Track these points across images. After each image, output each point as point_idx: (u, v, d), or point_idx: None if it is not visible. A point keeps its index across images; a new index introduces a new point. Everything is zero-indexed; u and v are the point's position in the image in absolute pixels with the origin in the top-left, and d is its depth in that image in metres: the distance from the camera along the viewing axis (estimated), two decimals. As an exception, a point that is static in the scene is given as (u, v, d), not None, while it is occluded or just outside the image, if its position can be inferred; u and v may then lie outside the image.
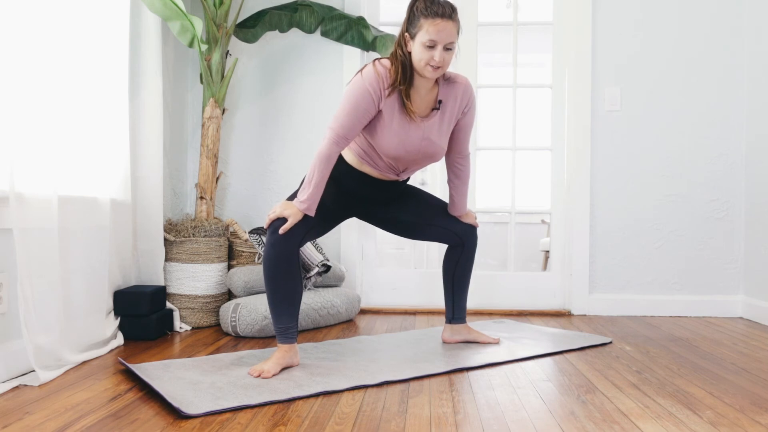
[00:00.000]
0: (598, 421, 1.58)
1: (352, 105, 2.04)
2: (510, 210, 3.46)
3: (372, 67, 2.06)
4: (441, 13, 2.00)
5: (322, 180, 2.05)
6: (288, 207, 2.03)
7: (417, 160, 2.21)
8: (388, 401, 1.74)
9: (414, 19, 2.04)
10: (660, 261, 3.27)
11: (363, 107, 2.05)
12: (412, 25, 2.05)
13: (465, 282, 2.47)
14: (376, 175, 2.24)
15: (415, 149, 2.16)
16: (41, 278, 1.96)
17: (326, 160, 2.04)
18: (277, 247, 2.01)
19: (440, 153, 2.23)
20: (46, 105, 2.04)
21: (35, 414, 1.61)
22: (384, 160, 2.19)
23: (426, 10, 2.01)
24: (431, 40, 2.00)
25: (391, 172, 2.25)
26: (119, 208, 2.56)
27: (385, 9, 3.47)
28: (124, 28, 2.53)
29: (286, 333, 2.04)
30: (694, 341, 2.59)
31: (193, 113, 3.31)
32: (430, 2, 2.02)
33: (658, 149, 3.27)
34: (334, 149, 2.05)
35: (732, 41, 3.25)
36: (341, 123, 2.04)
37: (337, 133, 2.04)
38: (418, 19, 2.02)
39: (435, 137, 2.18)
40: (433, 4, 2.01)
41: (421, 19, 2.01)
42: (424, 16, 2.00)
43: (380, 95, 2.06)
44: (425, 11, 2.01)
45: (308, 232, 2.08)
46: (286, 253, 2.02)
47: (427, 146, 2.18)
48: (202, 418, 1.58)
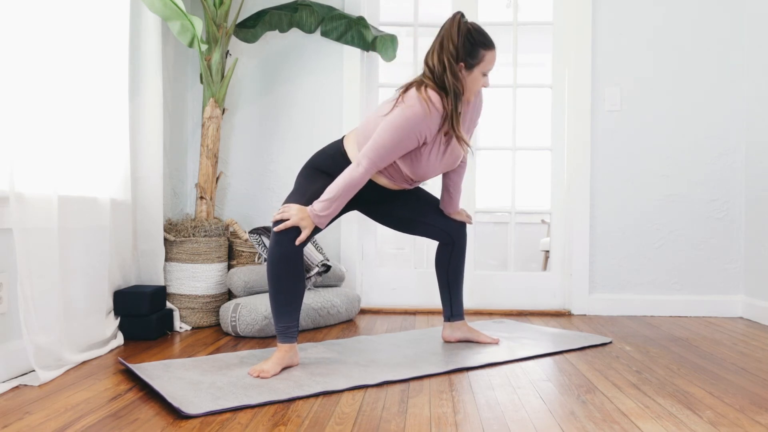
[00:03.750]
0: (598, 421, 1.58)
1: (396, 140, 2.03)
2: (510, 210, 3.46)
3: (421, 101, 2.02)
4: (493, 43, 2.12)
5: (344, 203, 2.06)
6: (304, 217, 2.00)
7: (439, 173, 2.25)
8: (388, 401, 1.74)
9: (474, 51, 2.08)
10: (660, 261, 3.27)
11: (407, 144, 2.06)
12: (472, 56, 2.08)
13: (459, 279, 2.48)
14: (389, 185, 2.26)
15: (445, 167, 2.22)
16: (41, 278, 1.96)
17: (356, 187, 2.05)
18: (282, 247, 2.01)
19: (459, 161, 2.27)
20: (46, 105, 2.04)
21: (35, 414, 1.61)
22: (404, 175, 2.20)
23: (486, 42, 2.10)
24: (489, 69, 2.13)
25: (405, 183, 2.27)
26: (119, 208, 2.56)
27: (385, 9, 3.47)
28: (124, 28, 2.53)
29: (287, 332, 2.04)
30: (694, 341, 2.59)
31: (193, 113, 3.31)
32: (483, 35, 2.11)
33: (658, 149, 3.27)
34: (367, 178, 2.06)
35: (732, 41, 3.25)
36: (381, 156, 2.04)
37: (375, 164, 2.04)
38: (477, 50, 2.08)
39: (457, 150, 2.21)
40: (486, 36, 2.11)
41: (482, 50, 2.09)
42: (484, 47, 2.09)
43: (432, 131, 2.06)
44: (485, 44, 2.09)
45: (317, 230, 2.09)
46: (291, 253, 2.02)
47: (456, 161, 2.23)
48: (202, 418, 1.58)
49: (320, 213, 2.02)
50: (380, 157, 2.04)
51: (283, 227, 2.00)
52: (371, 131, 2.09)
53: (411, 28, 3.47)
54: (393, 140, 2.03)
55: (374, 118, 2.11)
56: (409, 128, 2.02)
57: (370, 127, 2.11)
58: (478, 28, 2.11)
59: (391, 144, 2.03)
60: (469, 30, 2.08)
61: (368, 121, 2.13)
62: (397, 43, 3.15)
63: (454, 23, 2.07)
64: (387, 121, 2.03)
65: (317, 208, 2.02)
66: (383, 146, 2.03)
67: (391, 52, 3.15)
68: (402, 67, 3.45)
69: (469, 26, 2.09)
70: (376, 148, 2.03)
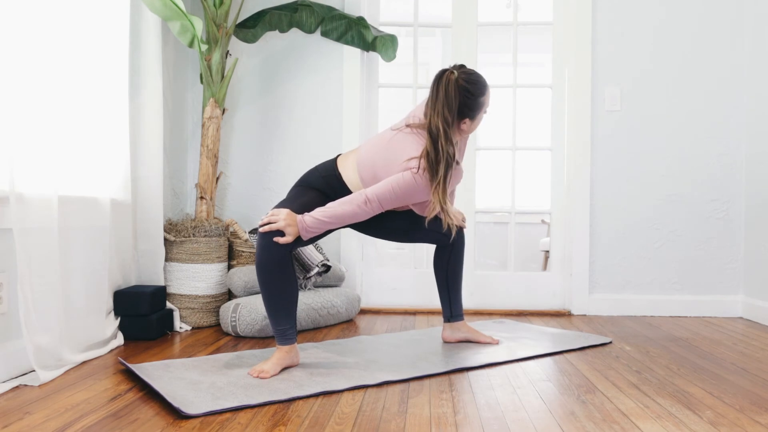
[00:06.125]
0: (598, 421, 1.58)
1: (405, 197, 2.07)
2: (510, 210, 3.46)
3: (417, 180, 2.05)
4: (486, 85, 2.16)
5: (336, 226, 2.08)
6: (291, 224, 1.98)
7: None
8: (388, 401, 1.74)
9: (475, 104, 2.12)
10: (660, 261, 3.27)
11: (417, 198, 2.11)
12: (474, 108, 2.13)
13: (458, 280, 2.48)
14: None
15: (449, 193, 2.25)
16: (41, 278, 1.96)
17: (357, 220, 2.06)
18: (268, 252, 1.99)
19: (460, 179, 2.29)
20: (46, 105, 2.04)
21: (35, 414, 1.61)
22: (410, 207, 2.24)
23: (481, 89, 2.13)
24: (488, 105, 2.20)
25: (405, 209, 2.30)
26: (119, 208, 2.56)
27: (385, 9, 3.48)
28: (124, 28, 2.53)
29: (285, 335, 2.04)
30: (694, 341, 2.59)
31: (193, 113, 3.31)
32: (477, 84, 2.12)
33: (658, 149, 3.27)
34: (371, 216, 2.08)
35: (732, 41, 3.25)
36: (383, 203, 2.05)
37: (383, 207, 2.06)
38: (477, 101, 2.12)
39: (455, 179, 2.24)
40: (479, 83, 2.13)
41: (480, 99, 2.13)
42: (482, 95, 2.14)
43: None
44: (483, 92, 2.14)
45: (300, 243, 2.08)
46: (278, 257, 1.99)
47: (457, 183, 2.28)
48: (202, 418, 1.58)
49: (310, 227, 2.00)
50: (391, 203, 2.07)
51: (268, 229, 1.98)
52: (374, 161, 2.10)
53: (411, 28, 3.47)
54: (404, 196, 2.06)
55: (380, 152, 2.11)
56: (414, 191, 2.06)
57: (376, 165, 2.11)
58: (471, 79, 2.10)
59: (403, 197, 2.07)
60: (465, 87, 2.08)
61: (370, 151, 2.14)
62: (397, 44, 3.15)
63: (451, 86, 2.07)
64: (397, 179, 2.04)
65: (308, 222, 1.99)
66: (397, 198, 2.06)
67: (391, 52, 3.15)
68: (402, 67, 3.46)
69: (460, 83, 2.08)
70: (390, 198, 2.05)
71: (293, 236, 1.99)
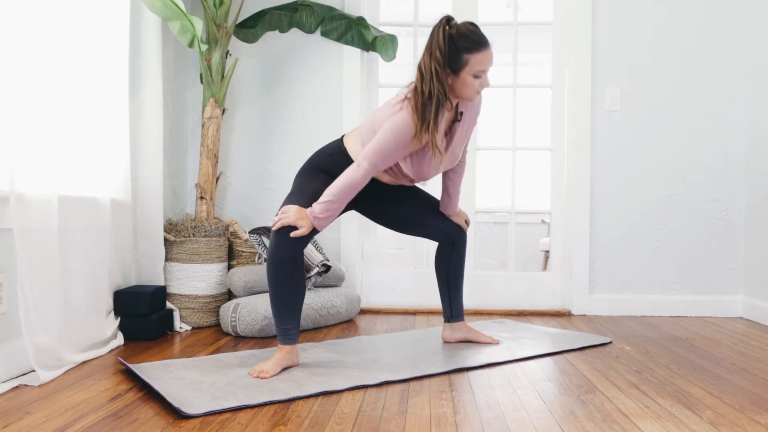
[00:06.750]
0: (598, 421, 1.58)
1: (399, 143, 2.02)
2: (510, 210, 3.46)
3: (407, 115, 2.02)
4: (484, 42, 2.04)
5: (344, 204, 2.05)
6: (302, 217, 2.00)
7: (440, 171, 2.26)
8: (388, 401, 1.74)
9: (458, 57, 2.02)
10: (660, 261, 3.27)
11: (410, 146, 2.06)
12: (456, 62, 2.03)
13: (459, 280, 2.48)
14: (391, 182, 2.27)
15: (445, 166, 2.22)
16: (41, 278, 1.96)
17: (356, 188, 2.04)
18: (282, 249, 2.00)
19: (458, 160, 2.27)
20: (46, 105, 2.04)
21: (35, 414, 1.61)
22: (405, 173, 2.19)
23: (470, 46, 2.02)
24: (481, 71, 2.05)
25: (406, 180, 2.27)
26: (119, 208, 2.56)
27: (385, 9, 3.48)
28: (124, 28, 2.53)
29: (288, 334, 2.04)
30: (694, 341, 2.59)
31: (193, 113, 3.31)
32: (468, 38, 2.03)
33: (658, 149, 3.27)
34: (368, 179, 2.05)
35: (732, 40, 3.25)
36: (383, 158, 2.02)
37: (376, 166, 2.03)
38: (461, 56, 2.02)
39: (457, 149, 2.22)
40: (473, 38, 2.03)
41: (465, 55, 2.02)
42: (468, 52, 2.02)
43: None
44: (469, 48, 2.02)
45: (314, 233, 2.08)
46: (291, 255, 2.01)
47: (453, 160, 2.23)
48: (202, 418, 1.58)
49: (319, 215, 2.01)
50: (382, 159, 2.03)
51: (280, 225, 2.00)
52: (376, 128, 2.09)
53: (411, 28, 3.47)
54: (396, 143, 2.02)
55: (379, 116, 2.10)
56: (409, 133, 2.02)
57: (375, 124, 2.10)
58: (464, 32, 2.03)
59: (394, 146, 2.02)
60: (452, 36, 2.02)
61: (372, 120, 2.12)
62: (397, 44, 3.15)
63: (440, 29, 2.03)
64: (390, 123, 2.02)
65: (317, 210, 2.01)
66: (386, 148, 2.01)
67: (391, 52, 3.15)
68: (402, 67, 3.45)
69: (452, 32, 2.03)
70: (377, 151, 2.01)
71: (308, 228, 2.00)
